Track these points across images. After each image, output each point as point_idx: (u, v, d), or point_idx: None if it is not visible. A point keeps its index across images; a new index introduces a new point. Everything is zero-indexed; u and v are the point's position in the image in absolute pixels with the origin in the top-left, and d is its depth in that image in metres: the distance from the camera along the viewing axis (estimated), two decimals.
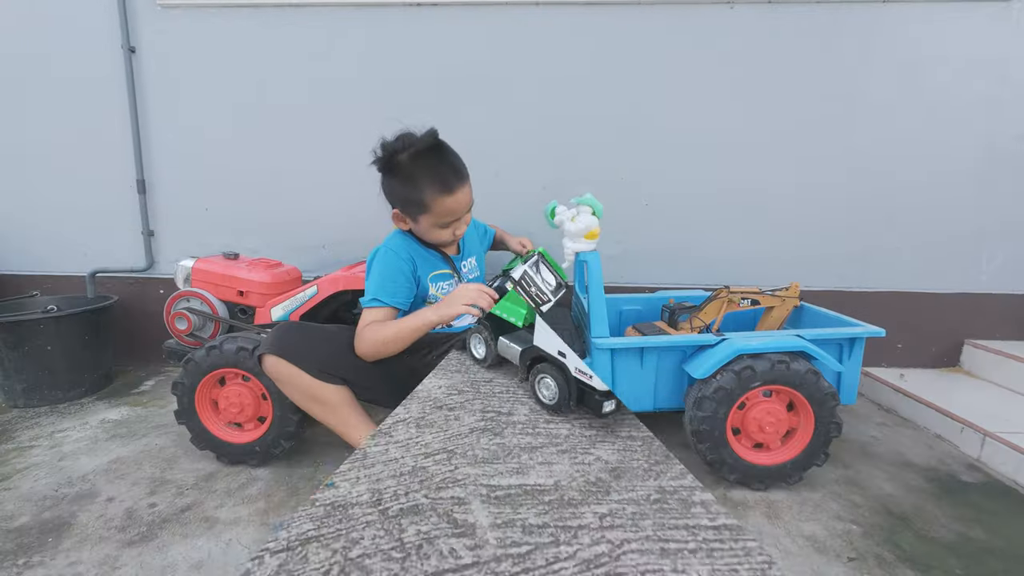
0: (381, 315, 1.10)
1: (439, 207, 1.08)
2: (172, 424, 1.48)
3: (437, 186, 1.07)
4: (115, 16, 1.75)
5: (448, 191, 1.07)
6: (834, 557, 0.95)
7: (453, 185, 1.08)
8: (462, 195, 1.10)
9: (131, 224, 1.90)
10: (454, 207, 1.09)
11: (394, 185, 1.10)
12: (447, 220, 1.11)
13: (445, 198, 1.08)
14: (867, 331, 1.20)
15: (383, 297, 1.11)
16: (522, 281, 1.14)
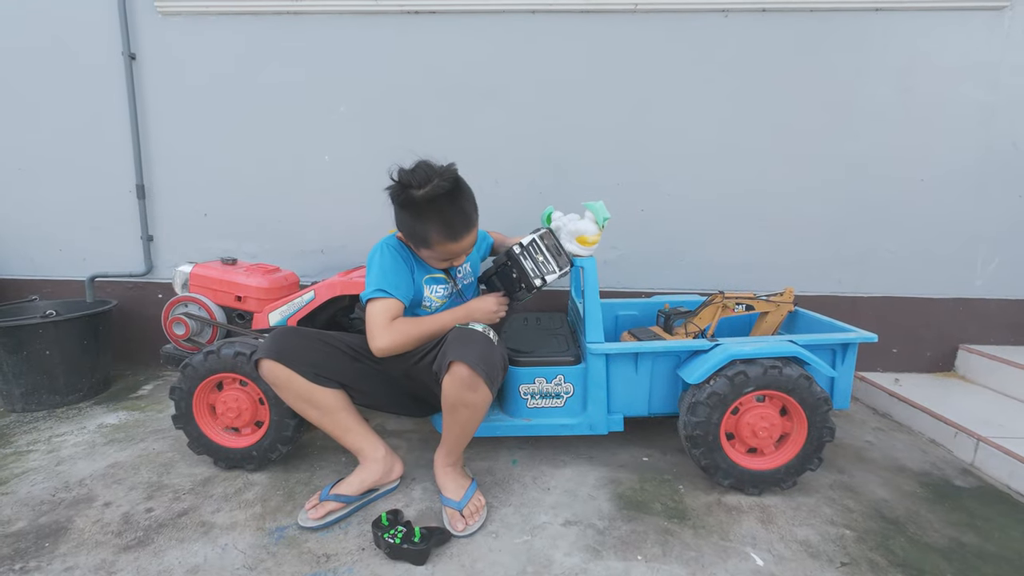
0: (392, 307, 1.09)
1: (441, 248, 1.09)
2: (170, 429, 1.49)
3: (444, 232, 1.06)
4: (116, 23, 1.77)
5: (453, 239, 1.07)
6: (827, 562, 0.96)
7: (460, 234, 1.08)
8: (467, 241, 1.10)
9: (130, 229, 1.91)
10: (456, 251, 1.10)
11: (403, 217, 1.08)
12: (446, 258, 1.12)
13: (449, 244, 1.08)
14: (860, 336, 1.21)
15: (390, 289, 1.09)
16: (529, 247, 1.15)
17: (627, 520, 1.08)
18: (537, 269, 1.16)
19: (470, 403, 1.02)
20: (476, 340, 1.02)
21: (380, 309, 1.08)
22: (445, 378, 1.00)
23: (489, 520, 1.08)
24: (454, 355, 0.98)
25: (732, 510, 1.12)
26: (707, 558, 0.97)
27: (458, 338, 1.02)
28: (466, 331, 1.04)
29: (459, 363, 0.97)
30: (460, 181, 1.08)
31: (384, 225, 1.34)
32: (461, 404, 1.03)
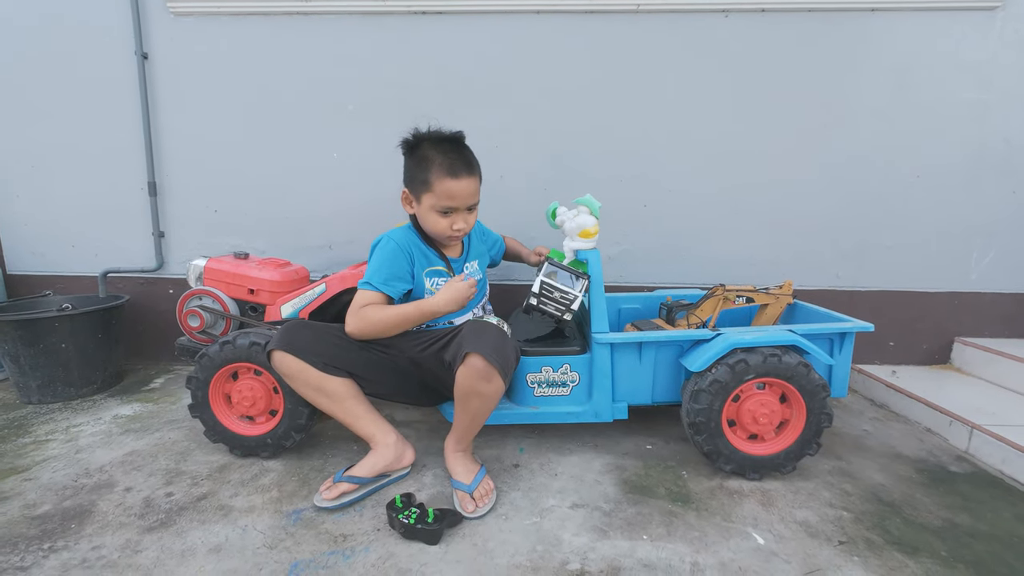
0: (374, 298, 1.16)
1: (440, 188, 1.13)
2: (184, 419, 1.53)
3: (444, 169, 1.13)
4: (129, 23, 1.80)
5: (453, 176, 1.13)
6: (825, 541, 1.00)
7: (459, 172, 1.14)
8: (465, 184, 1.15)
9: (142, 225, 1.94)
10: (455, 192, 1.14)
11: (410, 164, 1.18)
12: (446, 205, 1.15)
13: (448, 181, 1.13)
14: (856, 326, 1.25)
15: (375, 282, 1.16)
16: (543, 293, 1.20)
17: (632, 503, 1.12)
18: (562, 303, 1.22)
19: (483, 393, 1.06)
20: (491, 332, 1.06)
21: (359, 299, 1.16)
22: (460, 368, 1.04)
23: (498, 503, 1.11)
24: (470, 347, 1.02)
25: (734, 494, 1.16)
26: (710, 537, 1.01)
27: (473, 330, 1.06)
28: (481, 323, 1.08)
29: (475, 355, 1.01)
30: (464, 140, 1.21)
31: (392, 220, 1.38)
32: (474, 394, 1.06)
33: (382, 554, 0.95)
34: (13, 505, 1.10)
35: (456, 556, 0.95)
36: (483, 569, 0.91)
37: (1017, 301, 1.82)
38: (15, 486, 1.17)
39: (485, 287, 1.39)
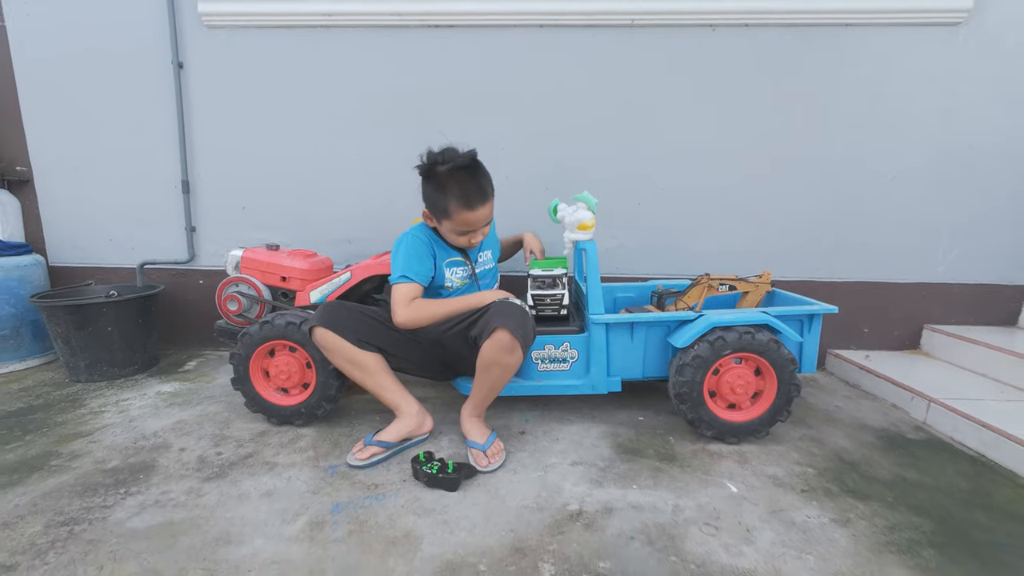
0: (412, 289, 1.31)
1: (459, 217, 1.28)
2: (220, 395, 1.69)
3: (462, 201, 1.26)
4: (166, 34, 1.96)
5: (469, 207, 1.27)
6: (789, 489, 1.16)
7: (475, 203, 1.27)
8: (481, 212, 1.28)
9: (175, 221, 2.11)
10: (471, 220, 1.29)
11: (428, 190, 1.30)
12: (464, 230, 1.31)
13: (465, 212, 1.27)
14: (822, 308, 1.41)
15: (411, 275, 1.32)
16: (536, 305, 1.44)
17: (625, 462, 1.28)
18: (554, 304, 1.48)
19: (505, 364, 1.22)
20: (516, 311, 1.22)
21: (402, 291, 1.30)
22: (487, 341, 1.20)
23: (507, 462, 1.27)
24: (498, 323, 1.18)
25: (714, 455, 1.32)
26: (691, 487, 1.17)
27: (501, 309, 1.22)
28: (507, 303, 1.25)
29: (502, 329, 1.17)
30: (478, 161, 1.29)
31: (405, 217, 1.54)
32: (496, 364, 1.22)
33: (409, 498, 1.11)
34: (86, 461, 1.26)
35: (473, 500, 1.11)
36: (496, 509, 1.08)
37: (980, 291, 1.98)
38: (83, 447, 1.33)
39: (496, 275, 1.54)
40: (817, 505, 1.10)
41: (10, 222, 2.07)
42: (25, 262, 1.95)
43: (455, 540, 0.98)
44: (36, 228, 2.15)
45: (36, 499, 1.09)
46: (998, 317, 2.00)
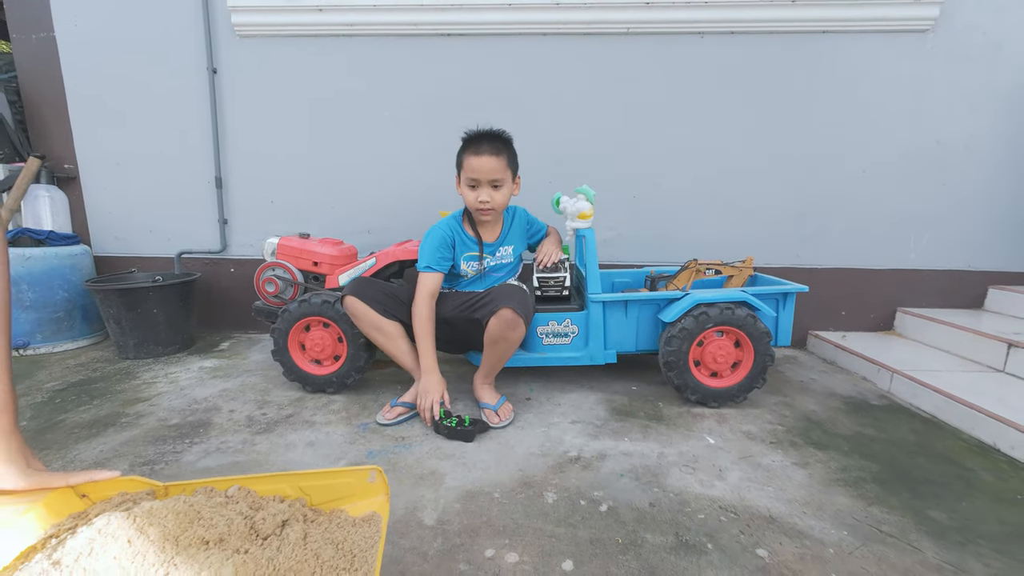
0: (432, 279, 1.49)
1: (467, 164, 1.45)
2: (256, 369, 1.88)
3: (471, 148, 1.44)
4: (201, 43, 2.15)
5: (476, 154, 1.43)
6: (760, 442, 1.34)
7: (481, 151, 1.43)
8: (486, 160, 1.43)
9: (209, 214, 2.30)
10: (476, 167, 1.44)
11: (460, 151, 1.49)
12: (471, 178, 1.46)
13: (472, 158, 1.44)
14: (795, 288, 1.58)
15: (433, 264, 1.50)
16: (542, 286, 1.67)
17: (618, 421, 1.46)
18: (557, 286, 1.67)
19: (510, 338, 1.41)
20: (518, 291, 1.41)
21: (423, 280, 1.49)
22: (493, 319, 1.38)
23: (515, 421, 1.46)
24: (502, 302, 1.36)
25: (697, 416, 1.50)
26: (674, 439, 1.35)
27: (504, 291, 1.41)
28: (509, 285, 1.44)
29: (506, 308, 1.36)
30: (502, 132, 1.48)
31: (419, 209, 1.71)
32: (502, 339, 1.41)
33: (432, 447, 1.30)
34: (150, 419, 1.45)
35: (487, 448, 1.29)
36: (507, 455, 1.26)
37: (949, 276, 2.15)
38: (145, 409, 1.52)
39: (517, 268, 1.71)
40: (782, 453, 1.28)
41: (59, 215, 2.27)
42: (75, 252, 2.15)
43: (473, 476, 1.16)
44: (82, 221, 2.34)
45: (116, 447, 1.29)
46: (966, 300, 2.17)
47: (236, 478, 0.62)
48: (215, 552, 0.50)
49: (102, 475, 0.60)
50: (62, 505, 0.57)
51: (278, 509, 0.57)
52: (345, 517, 0.59)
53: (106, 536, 0.50)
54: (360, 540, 0.54)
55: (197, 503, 0.56)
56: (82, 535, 0.51)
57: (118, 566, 0.47)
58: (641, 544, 0.93)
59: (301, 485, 0.64)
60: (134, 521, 0.52)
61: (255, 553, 0.51)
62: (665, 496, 1.09)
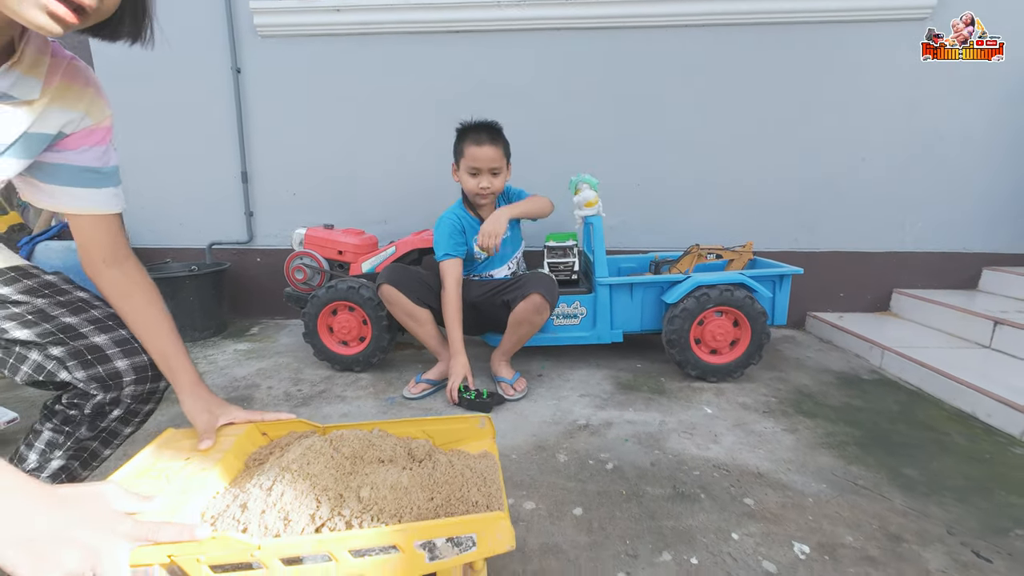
0: (454, 265, 1.61)
1: (468, 153, 1.56)
2: (286, 351, 2.03)
3: (471, 138, 1.56)
4: (226, 43, 2.26)
5: (476, 143, 1.55)
6: (753, 411, 1.46)
7: (481, 140, 1.55)
8: (486, 150, 1.55)
9: (236, 206, 2.43)
10: (478, 156, 1.55)
11: (456, 143, 1.61)
12: (472, 167, 1.57)
13: (472, 147, 1.55)
14: (790, 270, 1.69)
15: (451, 251, 1.62)
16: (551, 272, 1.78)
17: (623, 394, 1.59)
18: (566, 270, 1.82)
19: (534, 321, 1.54)
20: (546, 279, 1.54)
21: (446, 268, 1.60)
22: (522, 303, 1.50)
23: (528, 395, 1.59)
24: (533, 288, 1.49)
25: (696, 389, 1.62)
26: (675, 410, 1.47)
27: (535, 278, 1.53)
28: (539, 273, 1.56)
29: (536, 294, 1.48)
30: (494, 123, 1.60)
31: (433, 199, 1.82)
32: (527, 322, 1.53)
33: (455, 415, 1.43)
34: None
35: (503, 418, 1.43)
36: (522, 424, 1.39)
37: (943, 259, 2.23)
38: None
39: (519, 246, 1.82)
40: (773, 420, 1.40)
41: None
42: None
43: None
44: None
45: (172, 417, 1.44)
46: (961, 281, 2.25)
47: (375, 423, 0.78)
48: (390, 467, 0.67)
49: (279, 416, 0.78)
50: (255, 437, 0.76)
51: (421, 443, 0.74)
52: (466, 453, 0.74)
53: (314, 451, 0.67)
54: (484, 468, 0.70)
55: (366, 434, 0.73)
56: (296, 450, 0.68)
57: (327, 471, 0.64)
58: (642, 495, 1.06)
59: (426, 429, 0.81)
60: (330, 443, 0.69)
61: (417, 470, 0.68)
62: (665, 457, 1.21)
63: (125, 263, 0.76)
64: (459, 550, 0.57)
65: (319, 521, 0.59)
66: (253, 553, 0.52)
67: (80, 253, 0.73)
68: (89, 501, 0.48)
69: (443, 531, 0.57)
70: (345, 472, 0.65)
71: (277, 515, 0.58)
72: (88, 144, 0.70)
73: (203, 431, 0.72)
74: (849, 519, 0.98)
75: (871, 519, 0.98)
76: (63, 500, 0.46)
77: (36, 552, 0.41)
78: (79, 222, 0.72)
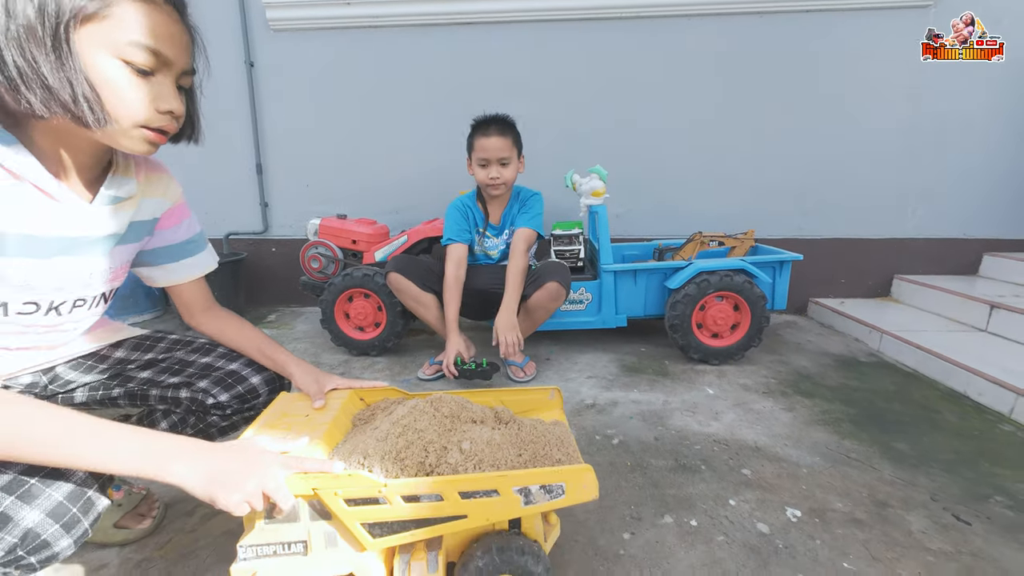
0: (457, 249, 1.68)
1: (477, 144, 1.62)
2: (304, 337, 2.11)
3: (480, 131, 1.62)
4: (239, 38, 2.32)
5: (483, 134, 1.60)
6: (753, 392, 1.52)
7: (489, 131, 1.60)
8: (494, 141, 1.60)
9: (251, 198, 2.50)
10: (486, 146, 1.61)
11: (469, 134, 1.67)
12: (481, 157, 1.62)
13: (480, 139, 1.61)
14: (790, 256, 1.74)
15: (454, 236, 1.69)
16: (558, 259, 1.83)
17: (628, 376, 1.66)
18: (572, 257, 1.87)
19: (549, 308, 1.61)
20: (561, 267, 1.61)
21: (450, 251, 1.67)
22: (539, 291, 1.56)
23: (537, 377, 1.66)
24: (550, 278, 1.56)
25: (699, 372, 1.69)
26: (678, 391, 1.54)
27: (552, 267, 1.60)
28: (554, 263, 1.62)
29: (554, 282, 1.55)
30: (506, 116, 1.65)
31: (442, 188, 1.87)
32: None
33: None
34: None
35: None
36: None
37: (944, 245, 2.27)
38: None
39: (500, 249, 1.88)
40: (772, 400, 1.46)
41: None
42: None
43: None
44: None
45: None
46: (961, 267, 2.29)
47: (457, 391, 0.87)
48: (482, 427, 0.77)
49: (373, 384, 0.92)
50: (355, 401, 0.88)
51: (503, 409, 0.83)
52: (542, 420, 0.83)
53: (419, 410, 0.77)
54: (560, 432, 0.78)
55: (460, 398, 0.83)
56: (403, 409, 0.78)
57: (431, 427, 0.74)
58: (647, 466, 1.13)
59: (503, 399, 0.90)
60: (431, 404, 0.79)
61: (504, 430, 0.77)
62: (668, 433, 1.28)
63: (214, 305, 0.94)
64: (550, 497, 0.67)
65: (428, 468, 0.70)
66: (380, 490, 0.64)
67: (181, 309, 0.91)
68: (249, 447, 0.66)
69: (538, 479, 0.66)
70: (446, 429, 0.76)
71: (393, 461, 0.69)
72: (177, 221, 0.86)
73: (314, 394, 0.85)
74: (840, 487, 1.05)
75: (860, 487, 1.04)
76: (232, 447, 0.64)
77: (224, 484, 0.59)
78: (181, 287, 0.88)
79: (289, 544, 0.66)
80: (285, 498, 0.62)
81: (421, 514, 0.66)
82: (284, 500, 0.62)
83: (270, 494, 0.61)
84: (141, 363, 0.85)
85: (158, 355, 0.87)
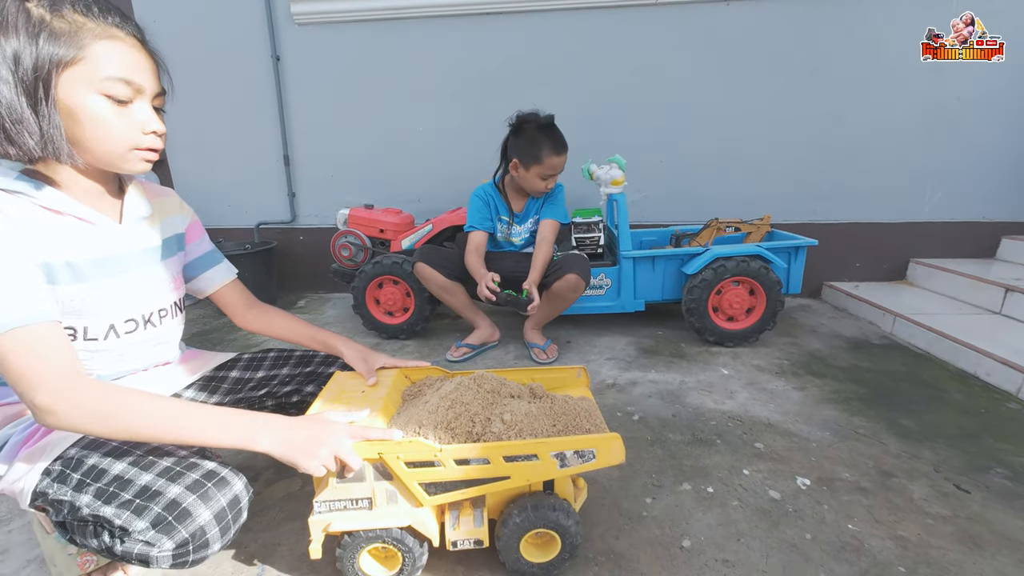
0: (478, 236, 1.75)
1: (548, 162, 1.64)
2: (334, 322, 2.22)
3: (552, 148, 1.63)
4: (266, 32, 2.39)
5: (556, 153, 1.64)
6: (767, 372, 1.59)
7: (561, 150, 1.64)
8: (564, 159, 1.66)
9: (279, 188, 2.60)
10: (557, 164, 1.65)
11: (519, 142, 1.67)
12: (548, 173, 1.67)
13: (554, 157, 1.64)
14: (805, 241, 1.78)
15: (476, 224, 1.76)
16: (579, 245, 1.95)
17: (646, 357, 1.74)
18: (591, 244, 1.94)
19: (569, 298, 1.69)
20: (583, 260, 1.68)
21: (470, 238, 1.74)
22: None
23: (559, 359, 1.74)
24: (570, 269, 1.62)
25: (714, 353, 1.76)
26: (694, 371, 1.62)
27: (572, 259, 1.67)
28: (573, 254, 1.69)
29: (573, 274, 1.62)
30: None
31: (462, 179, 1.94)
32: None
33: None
34: None
35: None
36: None
37: (961, 228, 2.28)
38: None
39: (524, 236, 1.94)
40: (784, 380, 1.53)
41: None
42: None
43: None
44: None
45: None
46: (979, 250, 2.30)
47: (494, 370, 0.96)
48: (520, 401, 0.88)
49: (418, 364, 1.02)
50: (402, 379, 0.99)
51: (536, 386, 0.94)
52: (571, 396, 0.93)
53: (464, 386, 0.87)
54: (588, 406, 0.88)
55: (498, 376, 0.93)
56: (449, 385, 0.88)
57: (476, 401, 0.85)
58: (665, 440, 1.22)
59: (534, 377, 1.00)
60: (474, 380, 0.89)
61: (539, 404, 0.88)
62: (684, 410, 1.37)
63: (256, 303, 1.03)
64: (582, 461, 0.77)
65: (475, 436, 0.80)
66: (436, 454, 0.74)
67: (229, 312, 1.01)
68: (320, 418, 0.77)
69: (573, 445, 0.76)
70: (488, 403, 0.86)
71: (444, 431, 0.79)
72: (200, 235, 0.97)
73: (366, 372, 0.95)
74: (847, 460, 1.12)
75: (867, 460, 1.12)
76: (308, 420, 0.75)
77: (302, 450, 0.70)
78: (221, 292, 0.98)
79: (357, 500, 0.77)
80: (354, 461, 0.73)
81: (470, 475, 0.76)
82: (353, 463, 0.73)
83: (342, 458, 0.72)
84: (254, 382, 0.97)
85: (268, 372, 0.99)
